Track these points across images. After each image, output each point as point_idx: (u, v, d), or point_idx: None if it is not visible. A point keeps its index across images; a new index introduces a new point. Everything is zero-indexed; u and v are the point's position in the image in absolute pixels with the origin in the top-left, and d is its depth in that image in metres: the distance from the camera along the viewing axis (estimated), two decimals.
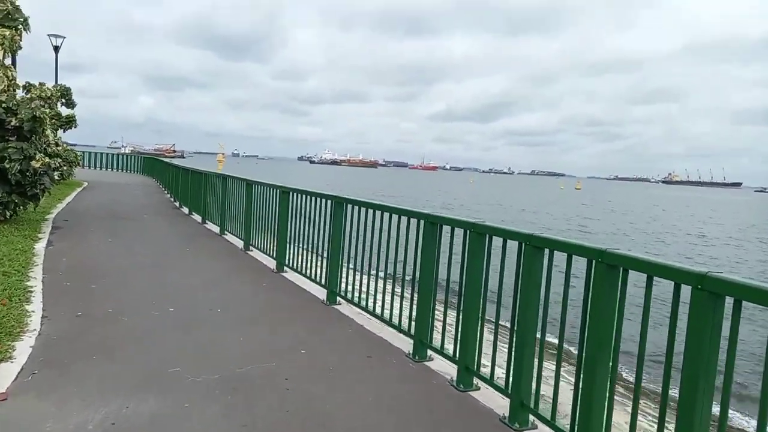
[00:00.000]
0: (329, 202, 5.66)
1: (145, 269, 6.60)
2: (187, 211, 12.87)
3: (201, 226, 10.79)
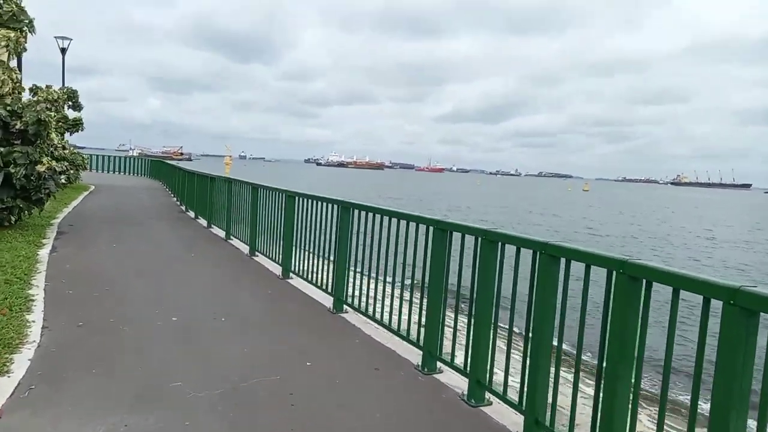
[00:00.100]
0: (336, 207, 5.52)
1: (149, 276, 6.50)
2: (193, 215, 12.80)
3: (206, 231, 10.70)
